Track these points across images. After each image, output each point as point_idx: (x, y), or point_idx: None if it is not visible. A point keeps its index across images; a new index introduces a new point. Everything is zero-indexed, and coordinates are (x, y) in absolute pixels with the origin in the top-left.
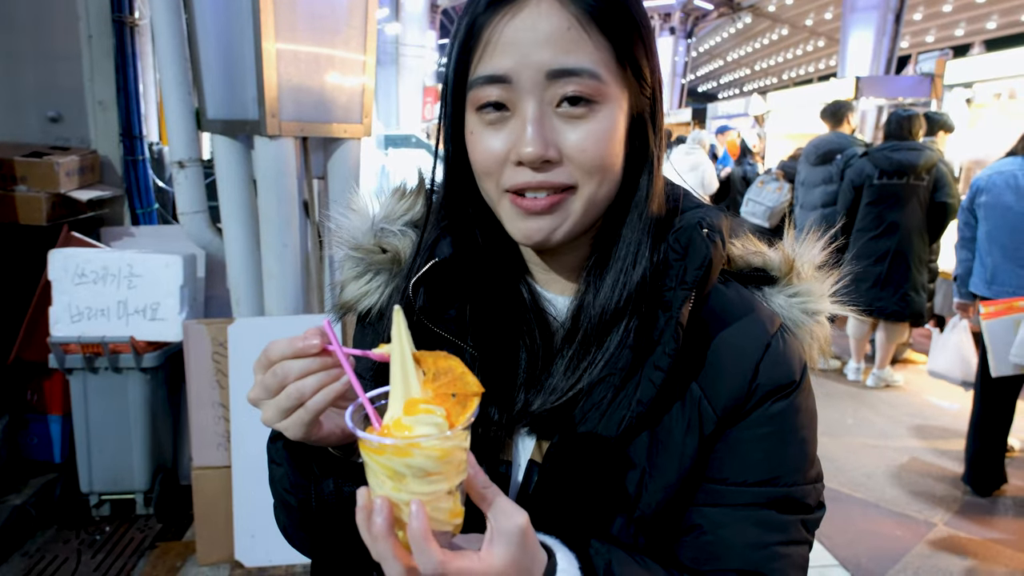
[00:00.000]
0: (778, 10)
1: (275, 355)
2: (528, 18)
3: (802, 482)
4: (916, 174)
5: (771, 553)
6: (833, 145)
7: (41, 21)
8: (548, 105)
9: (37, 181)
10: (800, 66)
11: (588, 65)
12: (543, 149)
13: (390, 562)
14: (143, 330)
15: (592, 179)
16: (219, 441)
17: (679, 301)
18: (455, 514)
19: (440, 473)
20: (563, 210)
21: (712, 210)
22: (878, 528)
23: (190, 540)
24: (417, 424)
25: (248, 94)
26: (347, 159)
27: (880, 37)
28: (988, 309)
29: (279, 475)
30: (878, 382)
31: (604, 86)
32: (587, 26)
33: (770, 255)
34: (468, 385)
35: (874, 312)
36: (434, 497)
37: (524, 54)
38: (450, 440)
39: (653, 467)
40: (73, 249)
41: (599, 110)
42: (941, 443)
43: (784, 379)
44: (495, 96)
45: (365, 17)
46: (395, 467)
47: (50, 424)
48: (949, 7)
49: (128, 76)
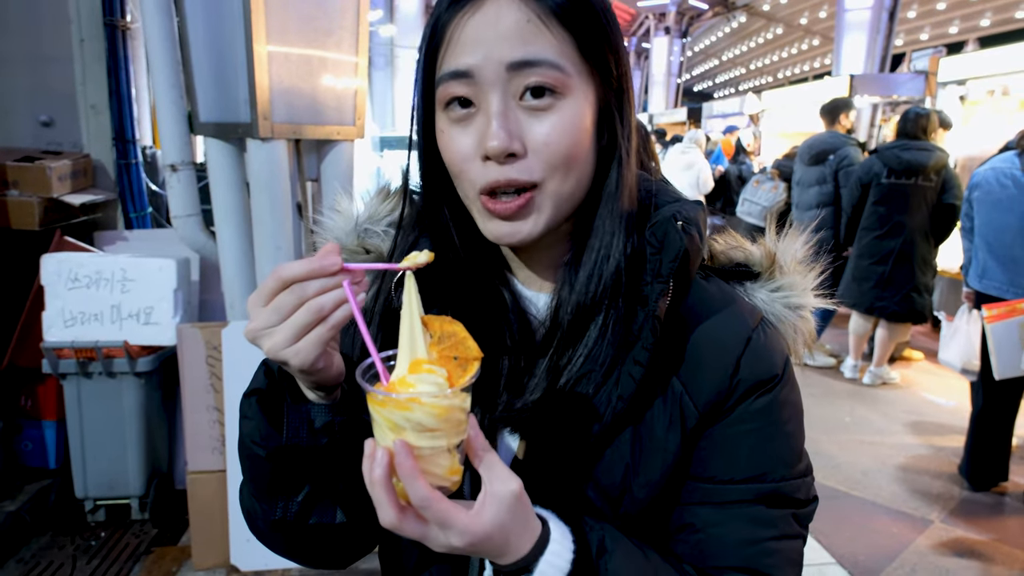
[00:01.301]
0: (772, 9)
1: (290, 276)
2: (488, 14)
3: (790, 476)
4: (925, 175)
5: (764, 549)
6: (826, 145)
7: (32, 25)
8: (512, 98)
9: (29, 185)
10: (795, 65)
11: (549, 56)
12: (508, 142)
13: (384, 508)
14: (137, 334)
15: (557, 173)
16: (214, 445)
17: (655, 294)
18: (453, 471)
19: (438, 430)
20: (532, 209)
21: (688, 203)
22: (875, 525)
23: (186, 545)
24: (420, 382)
25: (240, 97)
26: (340, 161)
27: (874, 35)
28: (991, 312)
29: (249, 428)
30: (875, 380)
31: (567, 78)
32: (547, 19)
33: (751, 250)
34: (469, 349)
35: (875, 312)
36: (432, 452)
37: (486, 49)
38: (448, 399)
39: (637, 463)
40: (66, 254)
41: (563, 102)
42: (938, 440)
43: (766, 374)
44: (460, 92)
45: (357, 19)
46: (396, 420)
47: (44, 430)
48: (943, 5)
49: (120, 80)
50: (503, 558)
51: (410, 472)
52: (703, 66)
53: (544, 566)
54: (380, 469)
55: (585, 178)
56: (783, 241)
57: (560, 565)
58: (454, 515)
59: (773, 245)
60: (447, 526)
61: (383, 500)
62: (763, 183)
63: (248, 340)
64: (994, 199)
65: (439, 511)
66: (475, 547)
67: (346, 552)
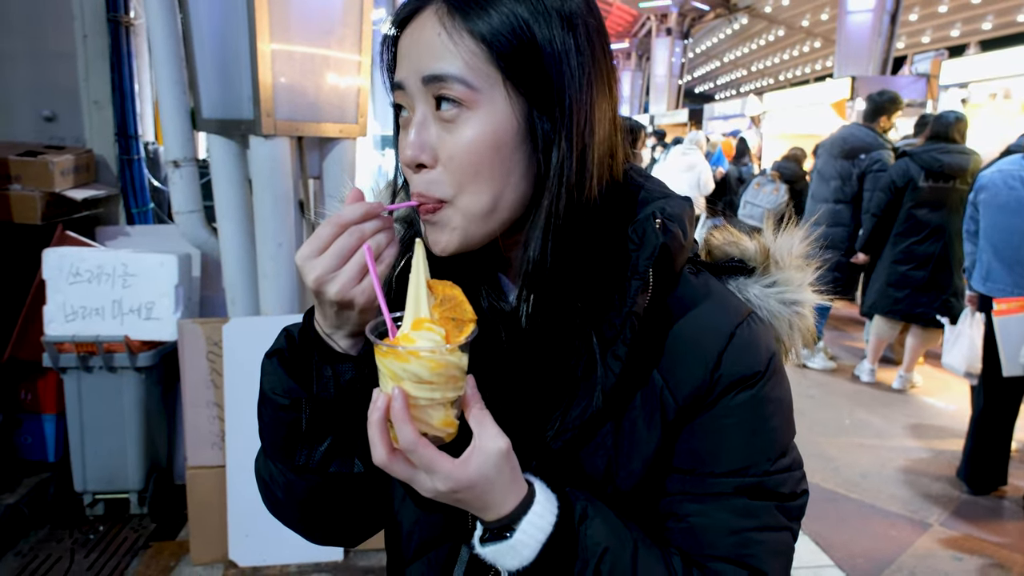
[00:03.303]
0: (774, 11)
1: (348, 219)
2: (414, 31)
3: (773, 471)
4: (963, 178)
5: (745, 539)
6: (861, 142)
7: (36, 20)
8: (431, 109)
9: (32, 180)
10: (797, 67)
11: (453, 71)
12: (417, 151)
13: (377, 447)
14: (138, 329)
15: (464, 190)
16: (213, 441)
17: (633, 290)
18: (447, 423)
19: (433, 383)
20: (445, 223)
21: (673, 200)
22: (873, 528)
23: (184, 540)
24: (420, 338)
25: (243, 94)
26: (342, 158)
27: (876, 38)
28: (1001, 306)
29: (271, 383)
30: (905, 384)
31: (475, 92)
32: (457, 33)
33: (746, 245)
34: (465, 312)
35: (913, 318)
36: (428, 403)
37: (410, 62)
38: (442, 355)
39: (618, 456)
40: (67, 248)
41: (470, 115)
42: (938, 443)
43: (748, 370)
44: (400, 100)
45: (360, 17)
46: (396, 371)
47: (44, 423)
48: (945, 8)
49: (123, 75)
50: (487, 512)
51: (400, 416)
52: (704, 68)
53: (526, 525)
54: (377, 412)
55: (511, 193)
56: (780, 236)
57: (542, 526)
58: (439, 461)
59: (768, 240)
60: (432, 471)
61: (376, 440)
62: (764, 185)
63: (313, 290)
64: (1001, 201)
65: (424, 456)
66: (459, 494)
67: (356, 524)
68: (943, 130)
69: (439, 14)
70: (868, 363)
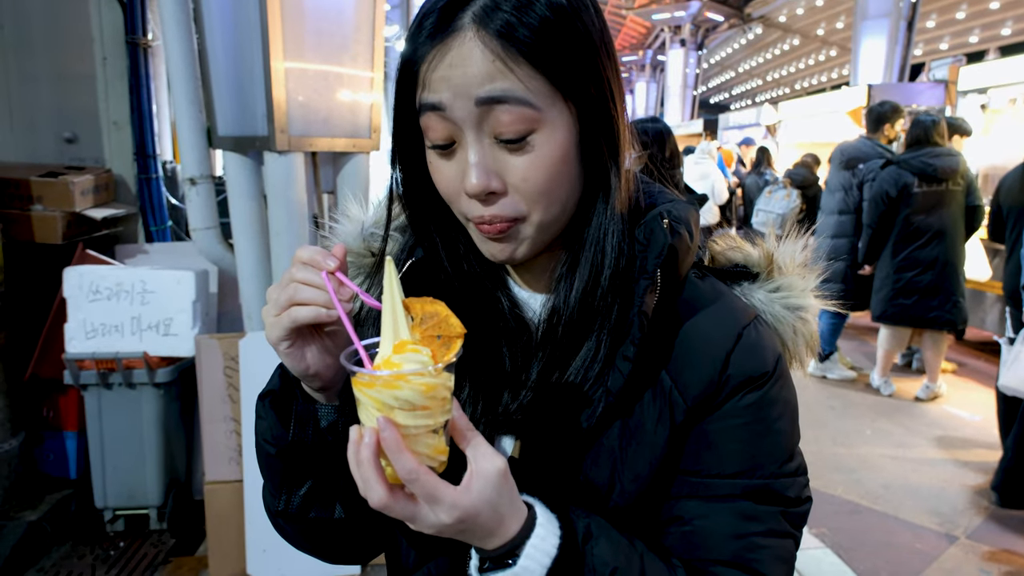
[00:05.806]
0: (789, 20)
1: (301, 258)
2: (455, 57)
3: (780, 474)
4: (954, 179)
5: (750, 543)
6: (859, 153)
7: (56, 44)
8: (488, 136)
9: (53, 200)
10: (812, 76)
11: (517, 92)
12: (486, 181)
13: (373, 486)
14: (156, 345)
15: (539, 206)
16: (231, 455)
17: (641, 290)
18: (439, 450)
19: (426, 408)
20: (516, 235)
21: (680, 203)
22: (897, 540)
23: (203, 555)
24: (405, 362)
25: (258, 111)
26: (357, 173)
27: (892, 45)
28: None
29: (262, 428)
30: (929, 393)
31: (538, 112)
32: (512, 60)
33: (750, 251)
34: (452, 327)
35: (927, 324)
36: (419, 431)
37: (455, 89)
38: (435, 376)
39: (626, 457)
40: (87, 266)
41: (537, 138)
42: (962, 454)
43: (756, 370)
44: (438, 128)
45: (372, 34)
46: (384, 399)
47: (65, 440)
48: (963, 14)
49: (142, 96)
50: (490, 540)
51: (396, 445)
52: (719, 78)
53: (530, 549)
54: (367, 449)
55: (571, 200)
56: (783, 243)
57: (546, 549)
58: (442, 489)
59: (772, 246)
60: (435, 500)
61: (372, 478)
62: (775, 192)
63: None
64: None
65: (427, 484)
66: (464, 524)
67: (354, 549)
68: (923, 134)
69: (484, 43)
70: (878, 375)
